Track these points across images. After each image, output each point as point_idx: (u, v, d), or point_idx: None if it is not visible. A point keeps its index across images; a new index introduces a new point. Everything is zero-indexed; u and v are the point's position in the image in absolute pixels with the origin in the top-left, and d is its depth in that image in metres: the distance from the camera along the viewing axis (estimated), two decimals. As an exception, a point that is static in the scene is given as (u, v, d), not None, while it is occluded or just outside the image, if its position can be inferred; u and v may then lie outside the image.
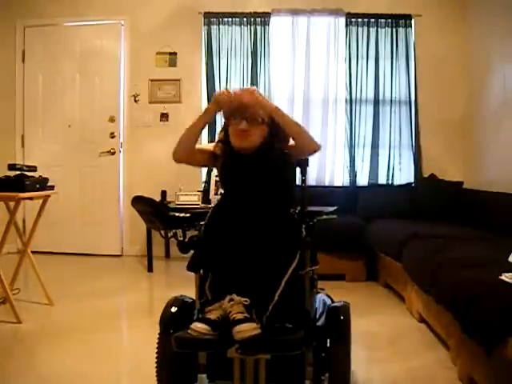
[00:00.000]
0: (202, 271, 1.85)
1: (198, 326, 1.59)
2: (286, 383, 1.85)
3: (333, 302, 2.14)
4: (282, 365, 1.76)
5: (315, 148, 1.96)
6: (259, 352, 1.62)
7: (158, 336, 1.89)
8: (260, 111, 1.92)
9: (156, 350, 1.90)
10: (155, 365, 1.90)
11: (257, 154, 1.92)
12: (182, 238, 1.95)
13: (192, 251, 1.88)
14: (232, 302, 1.62)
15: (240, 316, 1.58)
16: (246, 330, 1.54)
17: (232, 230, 1.77)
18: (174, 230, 1.93)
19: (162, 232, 1.85)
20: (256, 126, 1.91)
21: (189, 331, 1.60)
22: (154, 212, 2.01)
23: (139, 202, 2.01)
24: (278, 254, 1.73)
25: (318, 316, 1.99)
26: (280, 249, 1.73)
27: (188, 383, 1.92)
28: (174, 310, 1.89)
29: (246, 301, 1.62)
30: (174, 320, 1.84)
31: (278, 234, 1.77)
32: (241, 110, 1.91)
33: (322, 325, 1.92)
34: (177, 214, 1.98)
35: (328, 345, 1.88)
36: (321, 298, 2.16)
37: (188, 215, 2.00)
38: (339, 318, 1.93)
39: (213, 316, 1.62)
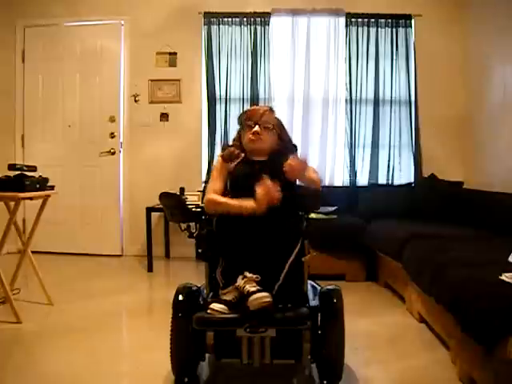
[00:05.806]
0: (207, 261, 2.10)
1: (217, 306, 1.80)
2: (287, 358, 2.04)
3: (322, 287, 2.25)
4: (283, 343, 1.97)
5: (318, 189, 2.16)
6: (271, 325, 1.82)
7: (171, 319, 2.04)
8: (270, 119, 2.21)
9: (170, 332, 2.05)
10: (169, 345, 2.05)
11: (268, 160, 2.18)
12: (194, 231, 2.16)
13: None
14: (245, 279, 1.84)
15: (254, 288, 1.79)
16: (261, 297, 1.75)
17: (243, 223, 1.93)
18: (187, 224, 2.15)
19: (182, 225, 2.09)
20: (267, 132, 2.18)
21: (208, 311, 1.81)
22: (177, 205, 2.28)
23: (166, 197, 2.27)
24: (283, 241, 1.94)
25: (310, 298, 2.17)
26: (285, 237, 1.95)
27: (197, 361, 2.09)
28: (184, 295, 2.06)
29: (257, 277, 1.84)
30: (185, 304, 2.02)
31: (284, 224, 1.96)
32: (255, 116, 2.19)
33: (316, 305, 2.07)
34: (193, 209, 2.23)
35: (322, 323, 2.05)
36: (310, 283, 2.32)
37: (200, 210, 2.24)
38: (332, 299, 2.10)
39: (228, 297, 1.85)
